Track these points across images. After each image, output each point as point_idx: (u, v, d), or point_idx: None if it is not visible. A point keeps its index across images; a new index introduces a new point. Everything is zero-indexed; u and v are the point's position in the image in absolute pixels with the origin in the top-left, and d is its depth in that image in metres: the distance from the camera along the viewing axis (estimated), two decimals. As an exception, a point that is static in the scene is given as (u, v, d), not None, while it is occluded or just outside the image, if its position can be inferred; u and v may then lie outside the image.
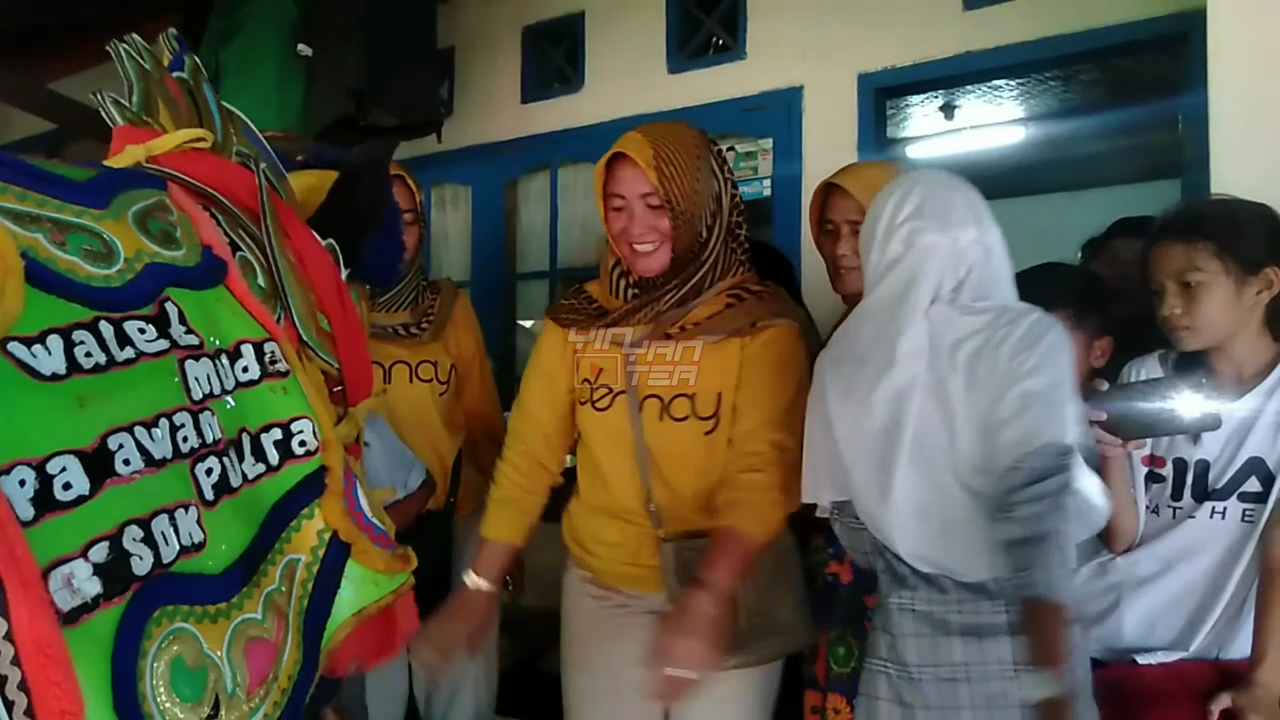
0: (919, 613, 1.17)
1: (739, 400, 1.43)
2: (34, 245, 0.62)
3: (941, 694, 1.13)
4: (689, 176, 1.41)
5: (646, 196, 1.42)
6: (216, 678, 0.63)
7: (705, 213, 1.45)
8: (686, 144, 1.44)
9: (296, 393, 0.77)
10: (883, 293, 1.24)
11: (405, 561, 0.83)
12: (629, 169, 1.43)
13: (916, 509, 1.16)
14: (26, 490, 0.55)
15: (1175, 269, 1.35)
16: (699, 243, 1.45)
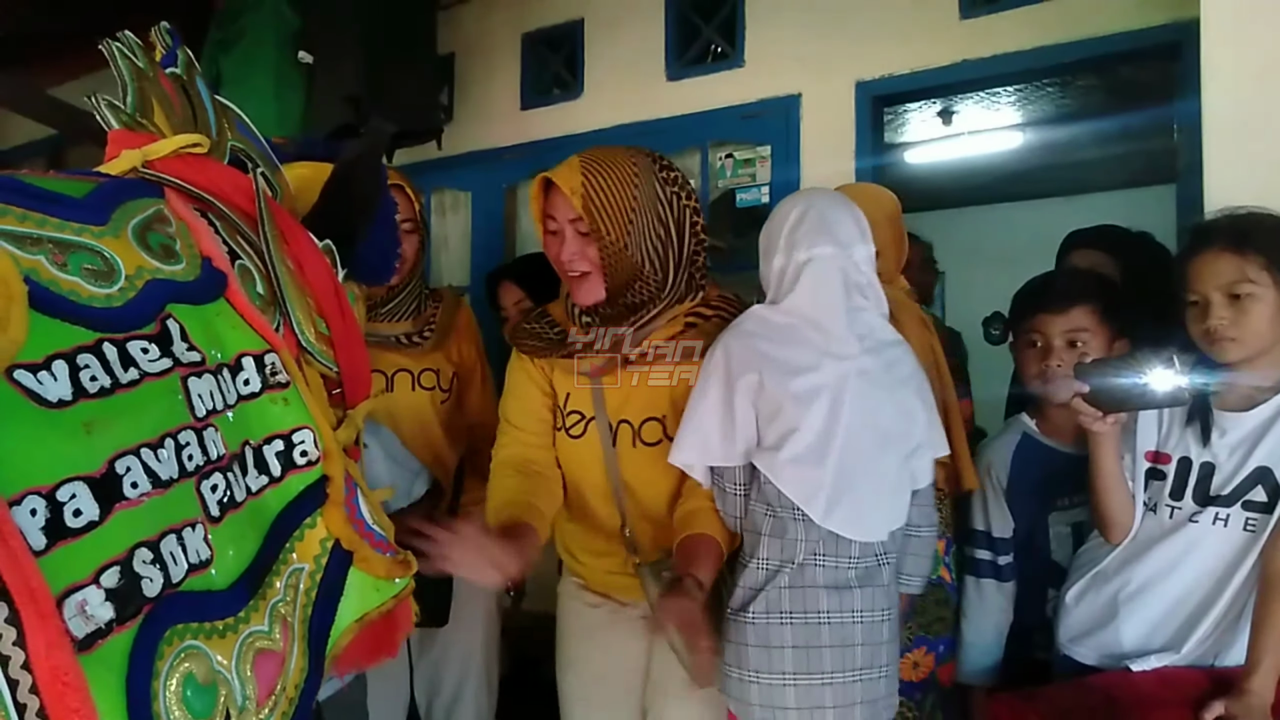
0: (827, 568, 1.33)
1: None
2: (36, 268, 0.62)
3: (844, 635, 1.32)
4: (621, 206, 1.37)
5: (575, 223, 1.40)
6: (227, 693, 0.64)
7: (646, 242, 1.40)
8: (624, 172, 1.39)
9: (297, 403, 0.78)
10: (802, 294, 1.37)
11: (406, 567, 0.83)
12: (559, 194, 1.41)
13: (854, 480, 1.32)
14: (38, 520, 0.55)
15: (1224, 280, 1.32)
16: (640, 273, 1.41)
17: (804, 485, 1.30)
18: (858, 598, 1.33)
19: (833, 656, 1.31)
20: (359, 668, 0.84)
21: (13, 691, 0.50)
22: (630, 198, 1.38)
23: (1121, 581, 1.45)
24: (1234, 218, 1.36)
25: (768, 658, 1.30)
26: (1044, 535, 1.68)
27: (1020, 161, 5.24)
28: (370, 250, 0.94)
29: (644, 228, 1.40)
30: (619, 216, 1.37)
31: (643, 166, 1.42)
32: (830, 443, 1.30)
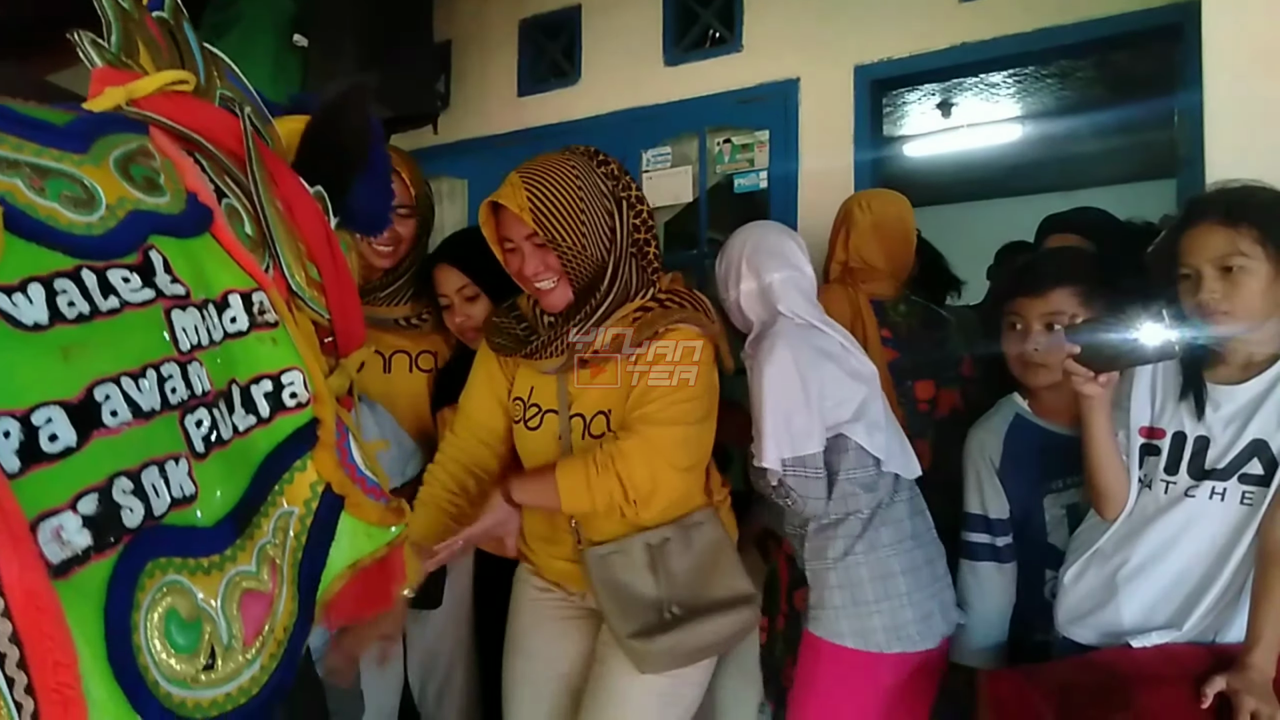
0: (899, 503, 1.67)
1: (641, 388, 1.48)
2: (12, 191, 0.60)
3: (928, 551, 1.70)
4: (570, 211, 1.43)
5: (530, 237, 1.47)
6: (212, 629, 0.62)
7: (599, 240, 1.47)
8: (565, 178, 1.44)
9: (286, 344, 0.76)
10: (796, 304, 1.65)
11: (399, 514, 0.82)
12: (509, 214, 1.46)
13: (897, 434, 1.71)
14: (11, 442, 0.53)
15: (1216, 253, 1.31)
16: (603, 270, 1.48)
17: (880, 443, 1.60)
18: (919, 522, 1.67)
19: (929, 570, 1.63)
20: (355, 619, 0.83)
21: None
22: (576, 199, 1.43)
23: (1120, 560, 1.44)
24: (1227, 191, 1.36)
25: (884, 586, 1.57)
26: (1040, 517, 1.67)
27: (1019, 155, 5.24)
28: (362, 199, 0.92)
29: (595, 225, 1.46)
30: (570, 221, 1.42)
31: (582, 167, 1.49)
32: (882, 406, 1.65)
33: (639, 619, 1.47)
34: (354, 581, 0.77)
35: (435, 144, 3.13)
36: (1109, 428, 1.43)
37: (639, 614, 1.47)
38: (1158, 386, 1.44)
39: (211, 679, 0.62)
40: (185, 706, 0.59)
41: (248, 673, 0.65)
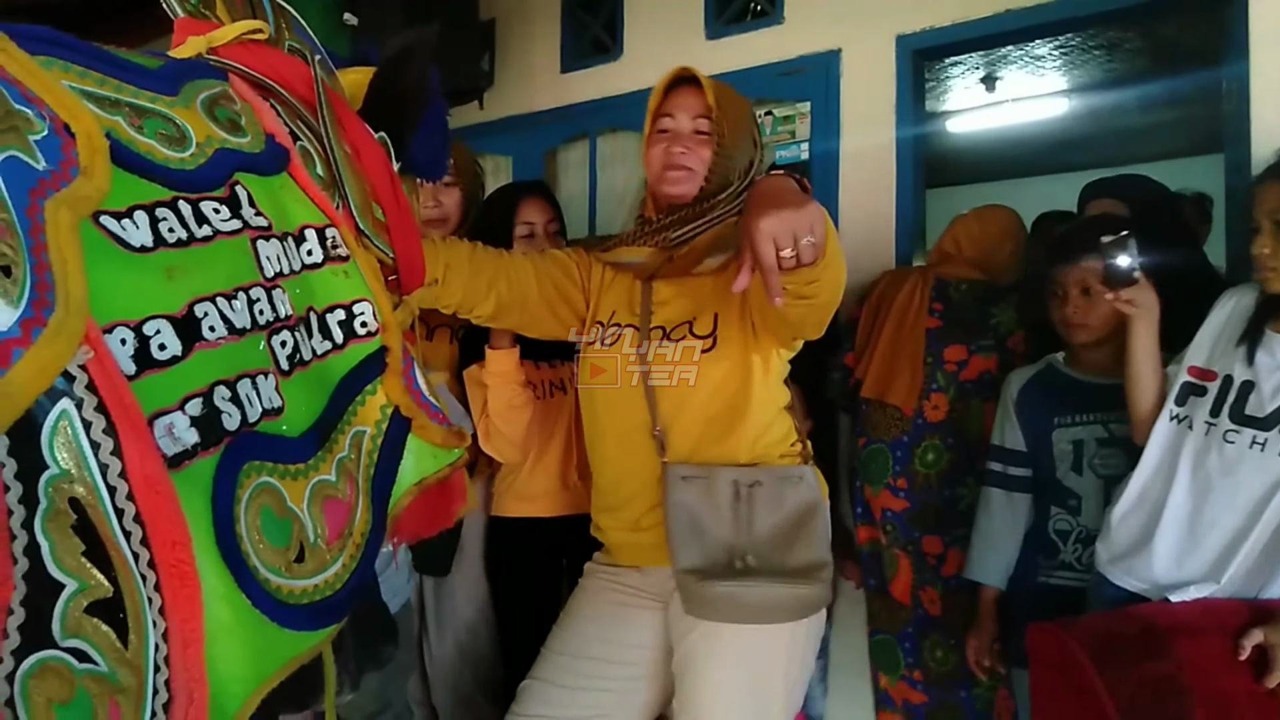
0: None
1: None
2: (115, 127, 0.67)
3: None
4: (740, 121, 1.46)
5: (698, 120, 1.45)
6: (300, 527, 0.69)
7: (741, 161, 1.46)
8: (740, 98, 1.51)
9: (357, 276, 0.82)
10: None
11: (460, 438, 0.88)
12: (688, 94, 1.46)
13: None
14: (127, 349, 0.60)
15: (1270, 208, 1.36)
16: (728, 185, 1.46)
17: None
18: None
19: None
20: (417, 535, 0.89)
21: (111, 496, 0.55)
22: (746, 117, 1.48)
23: (1159, 503, 1.45)
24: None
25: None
26: (1049, 451, 1.76)
27: (1065, 131, 5.15)
28: (422, 146, 0.98)
29: (745, 146, 1.47)
30: (737, 126, 1.45)
31: (749, 103, 1.55)
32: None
33: (704, 556, 1.35)
34: (418, 499, 0.83)
35: (479, 121, 3.18)
36: (1147, 348, 1.48)
37: (706, 552, 1.35)
38: (1224, 330, 1.47)
39: (301, 570, 0.69)
40: (280, 592, 0.66)
41: (331, 569, 0.72)
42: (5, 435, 0.52)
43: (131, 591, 0.56)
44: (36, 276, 0.54)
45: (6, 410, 0.52)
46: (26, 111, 0.60)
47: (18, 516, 0.52)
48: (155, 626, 0.56)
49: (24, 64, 0.61)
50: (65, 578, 0.54)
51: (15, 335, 0.53)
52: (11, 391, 0.52)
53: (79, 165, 0.60)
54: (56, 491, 0.54)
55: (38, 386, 0.53)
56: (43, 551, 0.53)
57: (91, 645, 0.54)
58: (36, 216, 0.56)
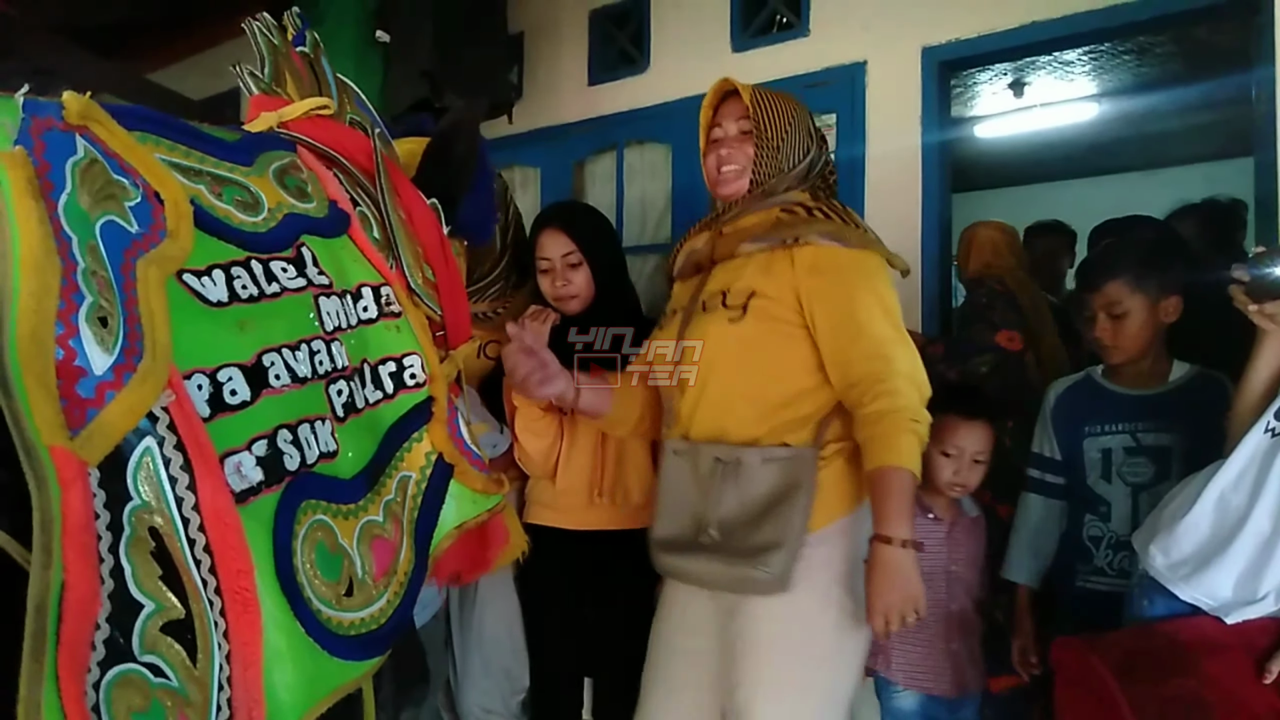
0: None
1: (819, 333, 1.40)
2: (198, 195, 0.74)
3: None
4: (782, 117, 1.51)
5: (740, 121, 1.54)
6: (350, 564, 0.75)
7: (793, 156, 1.52)
8: (786, 98, 1.55)
9: (408, 332, 0.89)
10: None
11: (499, 485, 0.93)
12: (732, 102, 1.56)
13: None
14: (204, 393, 0.67)
15: None
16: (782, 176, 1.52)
17: None
18: None
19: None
20: (458, 580, 0.94)
21: (185, 527, 0.60)
22: (790, 114, 1.53)
23: (1238, 515, 1.38)
24: None
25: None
26: (1080, 459, 1.79)
27: (1095, 135, 5.09)
28: (470, 210, 1.05)
29: (795, 141, 1.52)
30: (779, 122, 1.51)
31: (801, 105, 1.58)
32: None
33: (676, 527, 1.42)
34: (458, 542, 0.89)
35: (508, 133, 3.22)
36: (1272, 366, 1.41)
37: (678, 523, 1.42)
38: None
39: (350, 604, 0.74)
40: (331, 623, 0.71)
41: (377, 603, 0.77)
42: (97, 468, 0.58)
43: (200, 614, 0.61)
44: (128, 327, 0.61)
45: (100, 446, 0.58)
46: (123, 181, 0.67)
47: (105, 542, 0.59)
48: (220, 648, 0.62)
49: (122, 139, 0.68)
50: (144, 599, 0.60)
51: (109, 379, 0.60)
52: (104, 429, 0.58)
53: (166, 228, 0.68)
54: (139, 520, 0.60)
55: (126, 425, 0.60)
56: (126, 574, 0.59)
57: (165, 662, 0.60)
58: (129, 274, 0.63)
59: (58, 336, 0.56)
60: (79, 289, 0.58)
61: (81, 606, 0.55)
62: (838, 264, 1.41)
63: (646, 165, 3.17)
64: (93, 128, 0.66)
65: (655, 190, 3.13)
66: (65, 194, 0.61)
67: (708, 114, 1.61)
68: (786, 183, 1.52)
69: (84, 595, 0.55)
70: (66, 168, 0.62)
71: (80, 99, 0.66)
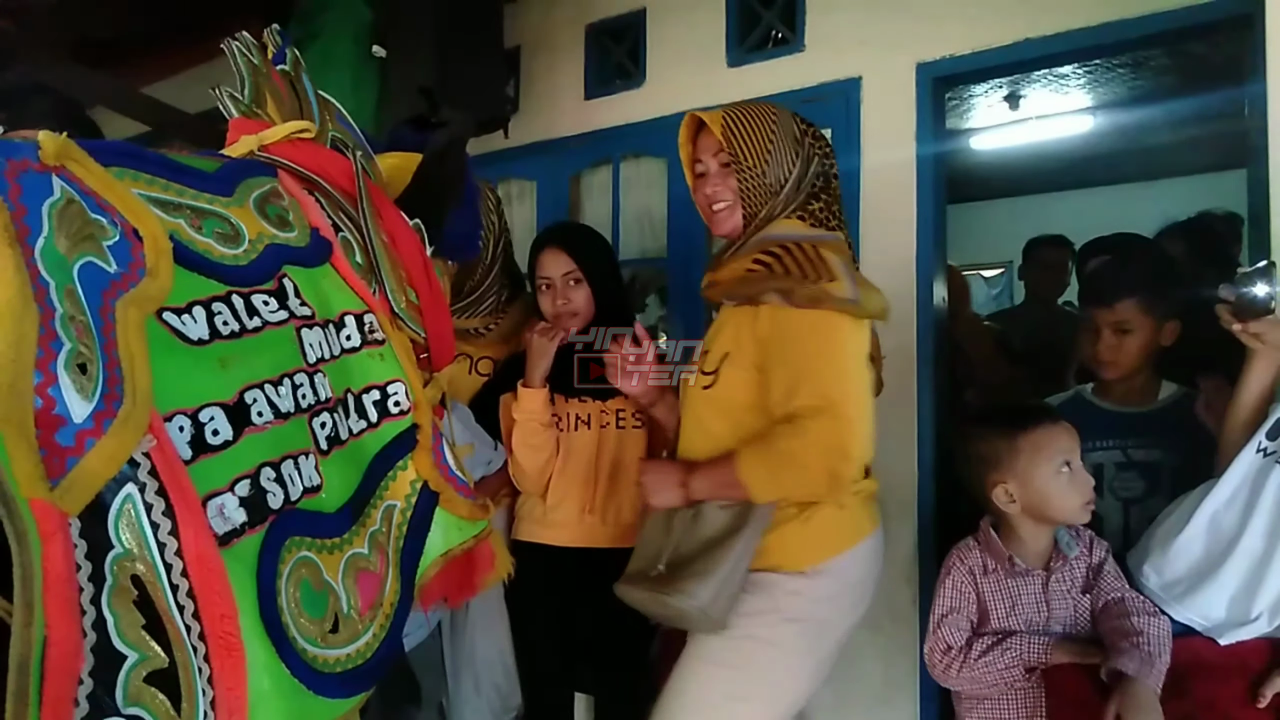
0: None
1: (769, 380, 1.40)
2: (178, 229, 0.73)
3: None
4: (760, 137, 1.47)
5: (718, 154, 1.51)
6: (335, 600, 0.74)
7: (781, 174, 1.48)
8: (762, 112, 1.50)
9: (391, 359, 0.88)
10: None
11: (485, 510, 0.93)
12: (706, 135, 1.53)
13: None
14: (185, 435, 0.66)
15: None
16: (776, 201, 1.49)
17: None
18: None
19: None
20: (445, 605, 0.94)
21: (168, 573, 0.60)
22: (769, 130, 1.48)
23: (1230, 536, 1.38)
24: None
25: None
26: None
27: (1091, 147, 5.10)
28: (455, 230, 1.04)
29: (780, 157, 1.48)
30: (758, 145, 1.47)
31: (781, 111, 1.53)
32: None
33: (641, 562, 1.47)
34: (444, 569, 0.88)
35: (504, 146, 3.23)
36: (1263, 383, 1.41)
37: (644, 558, 1.46)
38: None
39: (335, 640, 0.74)
40: (316, 661, 0.71)
41: (363, 638, 0.77)
42: (78, 518, 0.58)
43: (185, 662, 0.61)
44: (107, 372, 0.60)
45: (80, 495, 0.58)
46: (101, 219, 0.66)
47: (87, 593, 0.58)
48: (204, 695, 0.61)
49: (99, 176, 0.68)
50: (127, 649, 0.59)
51: (89, 426, 0.59)
52: (84, 478, 0.58)
53: (146, 266, 0.67)
54: (120, 569, 0.60)
55: (108, 473, 0.59)
56: (109, 625, 0.58)
57: (149, 713, 0.59)
58: (108, 316, 0.63)
59: (36, 385, 0.55)
60: (57, 336, 0.58)
61: (64, 662, 0.54)
62: (781, 326, 1.38)
63: (643, 179, 3.17)
64: (70, 166, 0.66)
65: (651, 204, 3.14)
66: (42, 238, 0.60)
67: (687, 149, 1.59)
68: (779, 206, 1.49)
69: (66, 651, 0.54)
70: (43, 210, 0.61)
71: (56, 138, 0.65)
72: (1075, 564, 1.51)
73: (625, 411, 1.93)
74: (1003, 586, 1.50)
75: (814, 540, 1.44)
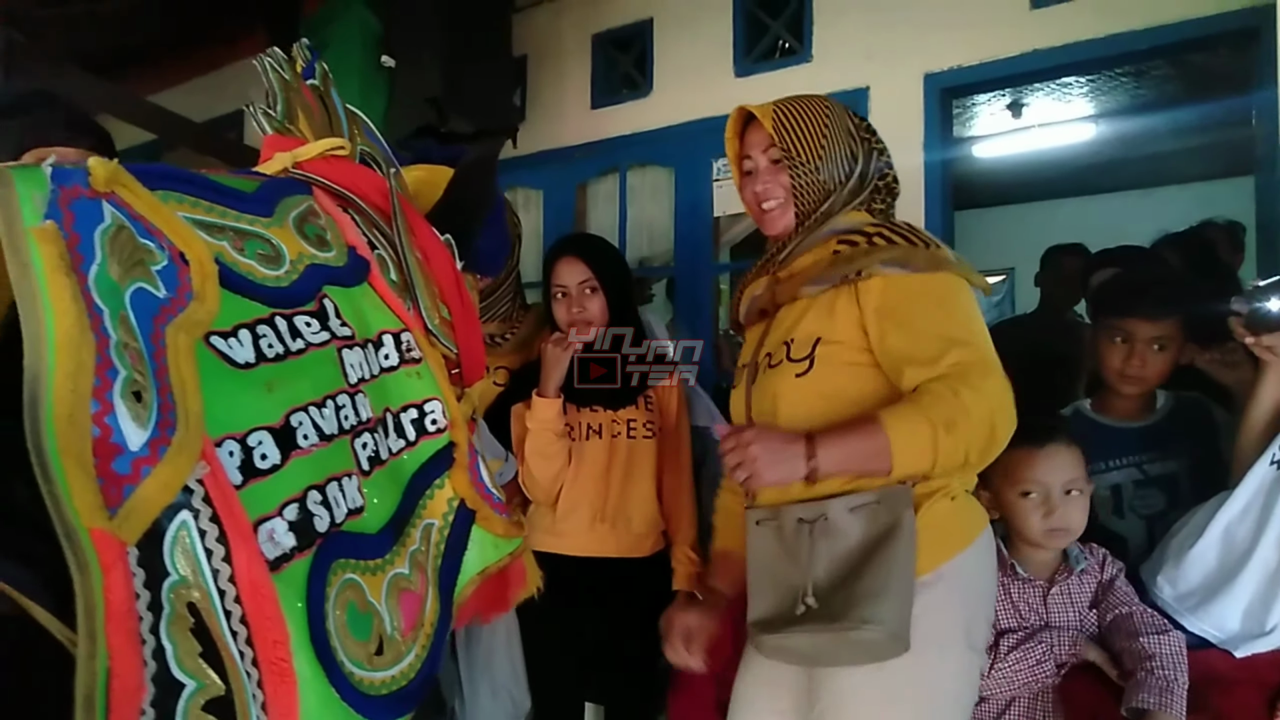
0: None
1: (885, 357, 1.27)
2: (222, 252, 0.74)
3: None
4: (813, 130, 1.39)
5: (769, 151, 1.43)
6: (379, 622, 0.75)
7: (837, 171, 1.40)
8: (814, 105, 1.43)
9: (428, 377, 0.89)
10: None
11: (519, 528, 0.94)
12: (755, 130, 1.44)
13: None
14: (235, 460, 0.66)
15: None
16: (830, 197, 1.40)
17: None
18: None
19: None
20: (479, 620, 0.94)
21: (221, 600, 0.60)
22: (822, 124, 1.40)
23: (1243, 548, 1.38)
24: None
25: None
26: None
27: (1093, 154, 5.12)
28: (484, 245, 1.04)
29: (834, 154, 1.40)
30: (811, 140, 1.39)
31: (834, 105, 1.46)
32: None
33: (773, 604, 1.25)
34: (480, 587, 0.88)
35: (511, 155, 3.23)
36: (1272, 394, 1.42)
37: (777, 598, 1.25)
38: None
39: (380, 663, 0.74)
40: (363, 684, 0.71)
41: (406, 659, 0.77)
42: (135, 547, 0.57)
43: (240, 690, 0.61)
44: (161, 399, 0.60)
45: (137, 524, 0.57)
46: (149, 244, 0.66)
47: (146, 622, 0.57)
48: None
49: (147, 200, 0.68)
50: (186, 678, 0.59)
51: (145, 454, 0.59)
52: (141, 506, 0.58)
53: (193, 290, 0.67)
54: (177, 597, 0.59)
55: (164, 500, 0.59)
56: (167, 654, 0.58)
57: None
58: (159, 342, 0.63)
59: (93, 414, 0.55)
60: (113, 364, 0.58)
61: (128, 695, 0.53)
62: (908, 293, 1.26)
63: (649, 188, 3.18)
64: (118, 191, 0.66)
65: (657, 213, 3.15)
66: (95, 265, 0.61)
67: (734, 144, 1.50)
68: (837, 204, 1.39)
69: (130, 683, 0.54)
70: (95, 237, 0.62)
71: (107, 164, 0.65)
72: (1083, 579, 1.49)
73: (636, 421, 1.94)
74: (1006, 591, 1.50)
75: (926, 542, 1.22)
